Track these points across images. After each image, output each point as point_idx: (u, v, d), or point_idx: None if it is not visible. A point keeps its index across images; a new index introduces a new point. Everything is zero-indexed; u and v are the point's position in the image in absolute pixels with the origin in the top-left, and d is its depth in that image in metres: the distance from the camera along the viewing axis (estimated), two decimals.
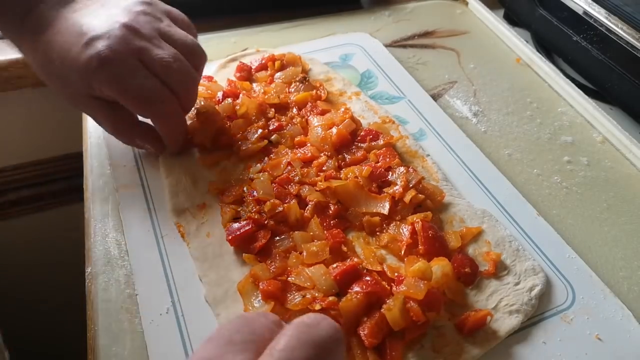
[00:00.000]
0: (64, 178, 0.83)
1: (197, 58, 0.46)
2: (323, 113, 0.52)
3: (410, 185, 0.46)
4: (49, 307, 0.93)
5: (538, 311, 0.40)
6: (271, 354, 0.24)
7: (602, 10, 0.62)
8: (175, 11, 0.48)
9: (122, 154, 0.50)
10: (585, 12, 0.64)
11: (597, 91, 0.64)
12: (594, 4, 0.63)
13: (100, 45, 0.41)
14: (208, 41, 0.64)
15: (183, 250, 0.43)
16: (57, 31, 0.42)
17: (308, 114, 0.53)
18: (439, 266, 0.40)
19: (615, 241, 0.47)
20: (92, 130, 0.53)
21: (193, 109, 0.49)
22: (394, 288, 0.39)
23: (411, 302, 0.37)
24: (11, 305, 0.94)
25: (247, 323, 0.26)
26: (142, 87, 0.42)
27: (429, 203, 0.46)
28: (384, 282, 0.39)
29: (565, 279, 0.43)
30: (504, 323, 0.39)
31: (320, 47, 0.66)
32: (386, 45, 0.67)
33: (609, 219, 0.49)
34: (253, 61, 0.59)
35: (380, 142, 0.50)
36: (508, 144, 0.56)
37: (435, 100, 0.60)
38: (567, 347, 0.38)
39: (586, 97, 0.60)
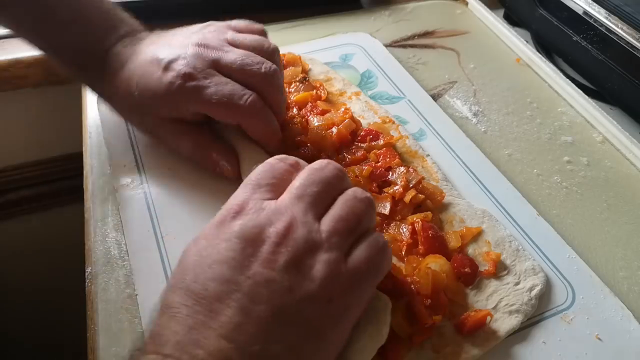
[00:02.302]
0: (64, 178, 0.83)
1: (268, 51, 0.47)
2: (323, 113, 0.52)
3: (411, 185, 0.46)
4: (49, 307, 0.93)
5: (538, 311, 0.40)
6: (290, 191, 0.32)
7: (602, 10, 0.62)
8: (234, 22, 0.50)
9: (122, 154, 0.50)
10: (585, 12, 0.64)
11: (597, 91, 0.64)
12: (594, 4, 0.63)
13: (179, 65, 0.44)
14: None
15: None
16: (135, 65, 0.46)
17: (308, 114, 0.53)
18: (437, 264, 0.40)
19: (615, 241, 0.47)
20: (92, 130, 0.53)
21: None
22: None
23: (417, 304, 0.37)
24: (11, 305, 0.94)
25: (270, 169, 0.34)
26: (224, 92, 0.43)
27: (429, 203, 0.46)
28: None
29: (565, 279, 0.43)
30: (504, 323, 0.39)
31: (320, 47, 0.65)
32: (386, 45, 0.67)
33: (609, 219, 0.49)
34: None
35: (380, 142, 0.50)
36: (508, 144, 0.56)
37: (435, 100, 0.60)
38: (567, 347, 0.38)
39: (586, 97, 0.60)
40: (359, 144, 0.50)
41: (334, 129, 0.50)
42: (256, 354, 0.27)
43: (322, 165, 0.34)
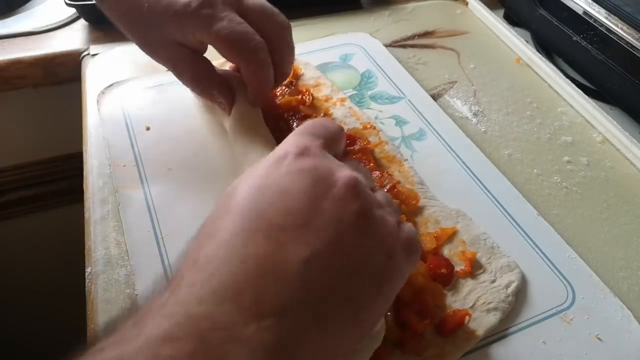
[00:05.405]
0: (64, 178, 0.83)
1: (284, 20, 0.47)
2: (304, 118, 0.53)
3: (385, 190, 0.46)
4: (48, 307, 0.93)
5: (538, 311, 0.40)
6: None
7: (602, 10, 0.62)
8: None
9: (122, 154, 0.50)
10: (585, 12, 0.64)
11: (597, 91, 0.64)
12: (594, 4, 0.63)
13: None
14: None
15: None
16: None
17: (290, 118, 0.53)
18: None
19: (615, 241, 0.47)
20: (92, 130, 0.53)
21: None
22: None
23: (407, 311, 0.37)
24: (11, 305, 0.94)
25: (324, 124, 0.34)
26: (236, 29, 0.43)
27: (403, 207, 0.46)
28: None
29: (565, 279, 0.43)
30: (483, 321, 0.39)
31: (320, 47, 0.65)
32: (386, 45, 0.67)
33: (609, 219, 0.49)
34: None
35: (357, 147, 0.50)
36: (508, 144, 0.56)
37: (435, 100, 0.60)
38: (567, 347, 0.38)
39: (586, 97, 0.60)
40: None
41: None
42: (316, 299, 0.26)
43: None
